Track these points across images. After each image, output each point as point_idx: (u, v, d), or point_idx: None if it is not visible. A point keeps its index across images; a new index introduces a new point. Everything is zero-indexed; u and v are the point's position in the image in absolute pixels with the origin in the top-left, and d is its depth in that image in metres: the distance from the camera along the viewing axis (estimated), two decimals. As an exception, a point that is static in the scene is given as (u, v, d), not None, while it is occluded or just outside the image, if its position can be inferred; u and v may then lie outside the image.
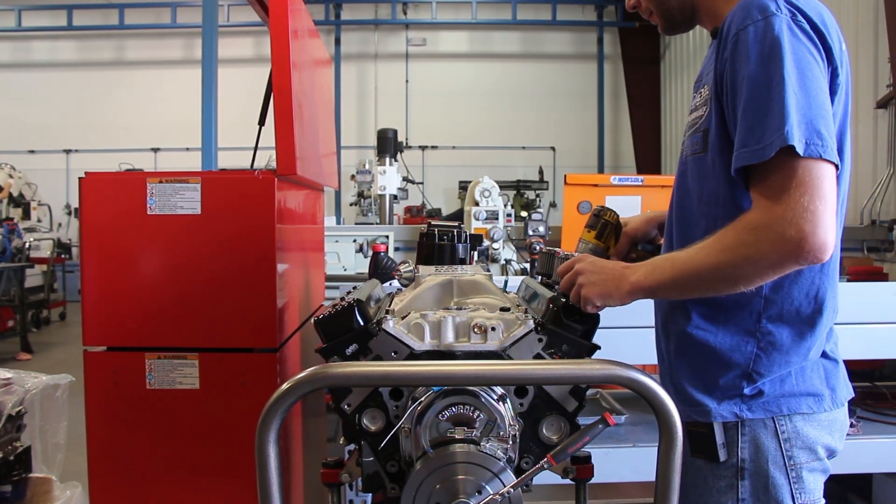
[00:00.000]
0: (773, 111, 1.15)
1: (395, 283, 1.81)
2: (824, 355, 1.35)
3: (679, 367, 1.40)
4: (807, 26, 1.19)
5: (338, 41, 13.51)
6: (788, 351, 1.30)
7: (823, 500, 1.37)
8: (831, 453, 1.36)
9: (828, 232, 1.12)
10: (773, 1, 1.20)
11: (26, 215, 10.79)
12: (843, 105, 1.28)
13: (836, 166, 1.16)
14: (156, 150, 13.38)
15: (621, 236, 1.62)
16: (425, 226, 1.98)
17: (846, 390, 1.37)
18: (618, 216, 1.62)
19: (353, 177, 10.28)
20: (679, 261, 1.26)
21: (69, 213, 13.05)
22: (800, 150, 1.12)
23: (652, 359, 1.61)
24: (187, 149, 11.88)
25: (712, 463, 1.35)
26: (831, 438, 1.34)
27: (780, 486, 1.31)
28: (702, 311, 1.34)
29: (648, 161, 12.90)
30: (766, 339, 1.30)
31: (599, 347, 1.32)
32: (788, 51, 1.16)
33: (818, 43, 1.20)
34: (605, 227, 1.60)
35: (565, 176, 4.06)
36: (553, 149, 13.53)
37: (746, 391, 1.31)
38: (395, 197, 6.28)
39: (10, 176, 10.39)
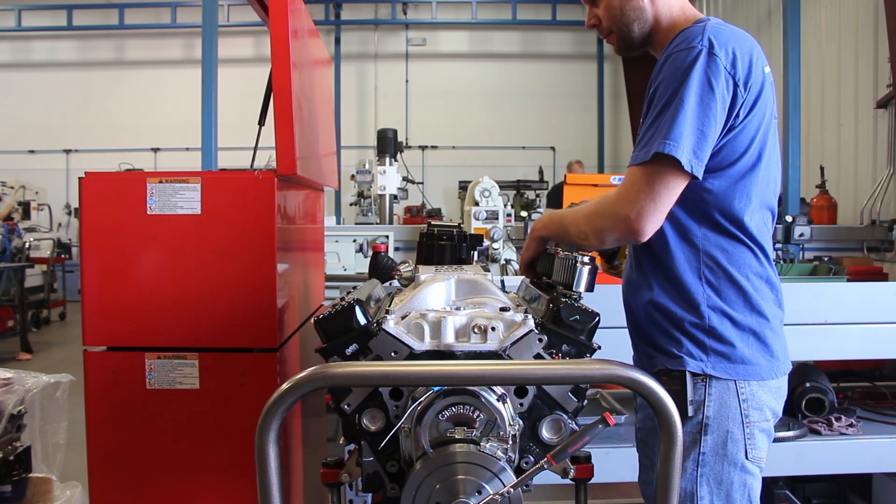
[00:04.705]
0: (665, 125, 1.43)
1: (395, 283, 1.81)
2: (773, 330, 1.56)
3: (651, 331, 1.59)
4: (720, 59, 1.44)
5: (338, 41, 13.50)
6: (737, 312, 1.52)
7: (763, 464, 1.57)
8: (774, 416, 1.57)
9: (647, 223, 1.44)
10: (700, 34, 1.46)
11: (26, 215, 10.78)
12: (762, 116, 1.51)
13: (693, 177, 1.44)
14: (156, 150, 13.36)
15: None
16: (425, 226, 1.98)
17: (788, 362, 1.59)
18: None
19: (353, 177, 10.25)
20: (565, 214, 1.64)
21: (69, 213, 13.04)
22: (667, 160, 1.41)
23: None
24: (187, 149, 11.86)
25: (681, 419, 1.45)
26: (776, 403, 1.56)
27: (737, 440, 1.51)
28: (660, 283, 1.57)
29: (648, 161, 12.86)
30: (712, 303, 1.52)
31: (599, 347, 1.33)
32: (694, 80, 1.43)
33: (728, 73, 1.44)
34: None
35: (565, 176, 4.07)
36: (553, 149, 13.53)
37: (709, 344, 1.52)
38: (395, 197, 6.27)
39: (5, 193, 10.35)
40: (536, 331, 1.28)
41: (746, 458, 1.52)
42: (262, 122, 2.24)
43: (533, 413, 1.28)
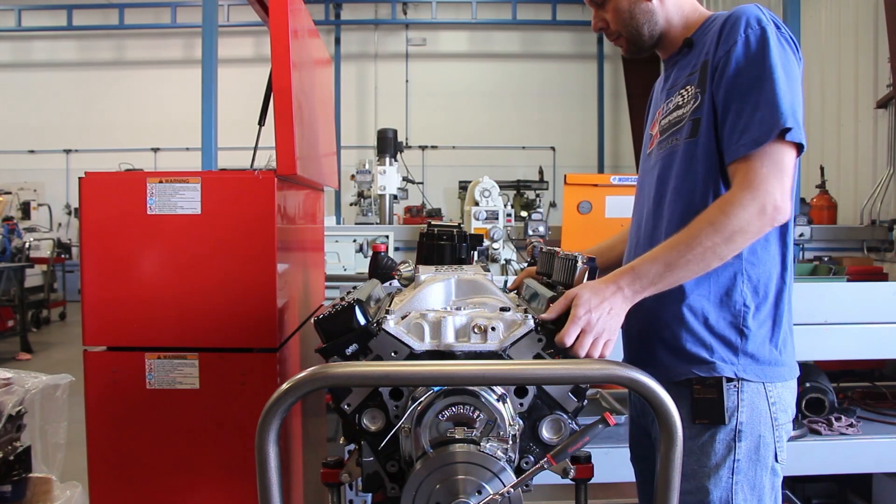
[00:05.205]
0: (765, 105, 1.39)
1: (395, 283, 1.81)
2: (791, 330, 1.54)
3: (678, 335, 1.50)
4: (786, 36, 1.46)
5: (338, 41, 13.50)
6: (766, 309, 1.48)
7: None
8: (792, 414, 1.56)
9: (787, 202, 1.39)
10: (763, 14, 1.46)
11: (26, 215, 10.78)
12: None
13: (803, 148, 1.41)
14: (156, 150, 13.37)
15: None
16: (425, 226, 1.98)
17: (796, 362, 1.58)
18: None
19: (353, 177, 10.25)
20: (663, 256, 1.38)
21: (69, 213, 13.04)
22: (787, 136, 1.37)
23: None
24: (187, 149, 11.87)
25: (715, 427, 1.46)
26: (793, 402, 1.55)
27: (768, 444, 1.49)
28: (698, 282, 1.47)
29: (648, 161, 12.85)
30: (748, 302, 1.47)
31: (599, 347, 1.32)
32: (778, 55, 1.42)
33: (795, 49, 1.47)
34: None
35: (565, 176, 4.06)
36: (553, 149, 13.52)
37: (741, 345, 1.47)
38: (395, 197, 6.27)
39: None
40: (536, 331, 1.28)
41: (776, 460, 1.50)
42: (262, 122, 2.24)
43: (533, 413, 1.28)
